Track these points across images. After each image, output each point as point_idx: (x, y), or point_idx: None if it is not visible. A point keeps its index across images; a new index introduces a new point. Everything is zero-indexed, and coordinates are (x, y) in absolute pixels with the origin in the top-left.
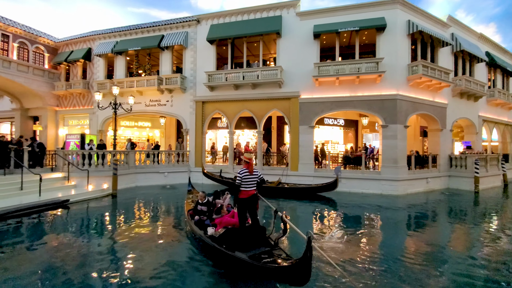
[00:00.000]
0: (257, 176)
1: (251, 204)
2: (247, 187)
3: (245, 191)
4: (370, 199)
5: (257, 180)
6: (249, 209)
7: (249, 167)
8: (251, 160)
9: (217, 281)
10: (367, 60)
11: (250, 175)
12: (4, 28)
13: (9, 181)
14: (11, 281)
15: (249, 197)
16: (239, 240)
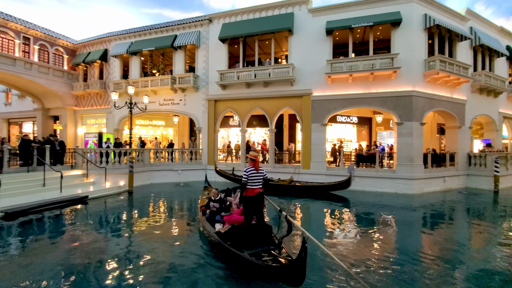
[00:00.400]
0: (263, 174)
1: (257, 202)
2: (253, 185)
3: (251, 189)
4: (384, 198)
5: (262, 178)
6: (255, 208)
7: (255, 165)
8: (257, 157)
9: (227, 276)
10: (382, 56)
11: (257, 173)
12: (25, 31)
13: (33, 178)
14: (35, 272)
15: (255, 195)
16: (244, 237)
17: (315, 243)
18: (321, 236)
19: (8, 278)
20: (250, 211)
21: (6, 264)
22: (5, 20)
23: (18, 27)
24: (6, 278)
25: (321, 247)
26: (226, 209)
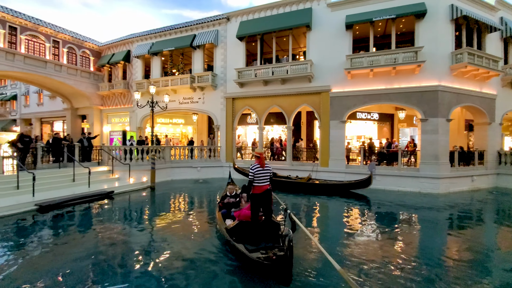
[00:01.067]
0: (269, 171)
1: (264, 199)
2: (259, 182)
3: (258, 186)
4: (407, 197)
5: (269, 174)
6: (262, 205)
7: (261, 162)
8: (262, 154)
9: (235, 273)
10: (405, 50)
11: (263, 170)
12: (55, 35)
13: (63, 174)
14: (68, 260)
15: (262, 192)
16: (249, 233)
17: (316, 244)
18: (339, 234)
19: (45, 266)
20: (257, 208)
21: (42, 253)
22: (36, 24)
23: (48, 31)
24: (43, 265)
25: (320, 247)
26: (236, 205)
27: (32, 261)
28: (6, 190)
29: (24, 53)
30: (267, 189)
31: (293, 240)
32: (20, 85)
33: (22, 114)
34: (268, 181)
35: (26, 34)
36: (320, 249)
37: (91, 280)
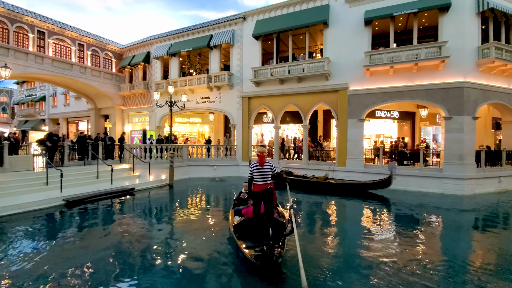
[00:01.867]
0: (270, 169)
1: (264, 198)
2: (258, 180)
3: (257, 184)
4: (429, 198)
5: (270, 173)
6: (264, 203)
7: (260, 160)
8: (262, 153)
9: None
10: (428, 45)
11: (261, 169)
12: (80, 38)
13: (88, 171)
14: (92, 252)
15: (261, 191)
16: (251, 230)
17: (297, 251)
18: (357, 235)
19: (71, 258)
20: (258, 206)
21: (69, 246)
22: (62, 29)
23: (74, 34)
24: (69, 257)
25: (299, 255)
26: (244, 202)
27: (60, 252)
28: (37, 186)
29: (52, 56)
30: (267, 188)
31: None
32: (48, 86)
33: (50, 114)
34: (269, 180)
35: (53, 38)
36: (298, 257)
37: (111, 272)
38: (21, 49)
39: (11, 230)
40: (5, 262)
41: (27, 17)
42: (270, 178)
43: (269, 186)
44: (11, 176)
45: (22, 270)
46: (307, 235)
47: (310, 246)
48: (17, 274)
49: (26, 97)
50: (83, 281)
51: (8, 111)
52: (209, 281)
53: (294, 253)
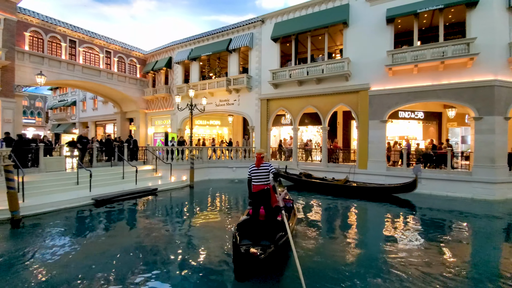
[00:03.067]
0: (266, 170)
1: (262, 198)
2: (255, 181)
3: (255, 185)
4: (457, 203)
5: (266, 174)
6: (262, 204)
7: (256, 162)
8: (259, 155)
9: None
10: (455, 42)
11: (257, 170)
12: (107, 46)
13: (115, 172)
14: (118, 250)
15: (258, 191)
16: (249, 230)
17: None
18: (379, 241)
19: (99, 254)
20: (255, 206)
21: (98, 242)
22: (91, 37)
23: (102, 43)
24: (97, 254)
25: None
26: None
27: (89, 248)
28: (68, 185)
29: (82, 64)
30: (264, 189)
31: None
32: (78, 92)
33: (80, 118)
34: (265, 181)
35: (83, 46)
36: (297, 265)
37: (135, 268)
38: (54, 57)
39: (47, 227)
40: (41, 256)
41: (60, 27)
42: (266, 179)
43: (266, 187)
44: (46, 176)
45: (56, 263)
46: (327, 239)
47: (329, 250)
48: (52, 267)
49: (59, 102)
50: (109, 276)
51: (43, 116)
52: (225, 277)
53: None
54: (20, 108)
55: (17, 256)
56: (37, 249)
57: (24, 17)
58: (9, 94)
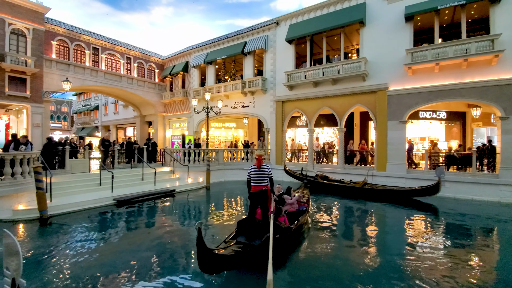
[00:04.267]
0: (265, 172)
1: (259, 199)
2: (254, 182)
3: (253, 185)
4: (483, 207)
5: (266, 176)
6: (259, 204)
7: (257, 164)
8: (259, 156)
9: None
10: (478, 39)
11: (257, 171)
12: (127, 52)
13: (135, 173)
14: (137, 249)
15: (256, 192)
16: (246, 229)
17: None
18: (400, 246)
19: (121, 252)
20: (252, 206)
21: (120, 241)
22: (113, 44)
23: (122, 49)
24: (119, 252)
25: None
26: (278, 203)
27: (112, 246)
28: (92, 186)
29: (104, 70)
30: (261, 190)
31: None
32: (101, 97)
33: (103, 121)
34: (264, 182)
35: (105, 53)
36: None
37: (155, 264)
38: (79, 64)
39: (72, 226)
40: (67, 253)
41: (84, 35)
42: (265, 181)
43: (264, 188)
44: (71, 177)
45: (81, 260)
46: (344, 243)
47: (346, 255)
48: (77, 263)
49: (83, 107)
50: (131, 271)
51: (68, 120)
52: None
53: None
54: (48, 113)
55: (45, 253)
56: (63, 246)
57: (51, 27)
58: (38, 100)
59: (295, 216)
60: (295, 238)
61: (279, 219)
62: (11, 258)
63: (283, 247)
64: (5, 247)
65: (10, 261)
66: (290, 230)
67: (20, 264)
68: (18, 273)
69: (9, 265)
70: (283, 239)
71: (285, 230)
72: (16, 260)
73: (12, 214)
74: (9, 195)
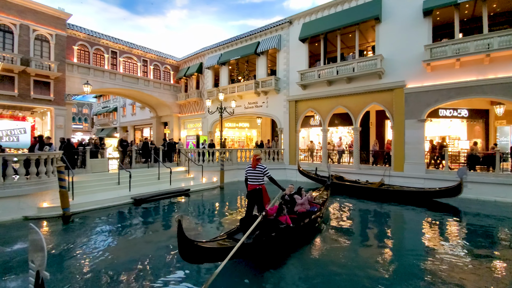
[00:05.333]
0: (261, 172)
1: (254, 197)
2: (249, 180)
3: (249, 184)
4: (508, 209)
5: (261, 175)
6: (255, 202)
7: (252, 163)
8: (255, 156)
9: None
10: (501, 33)
11: (252, 170)
12: (144, 55)
13: (151, 173)
14: (154, 247)
15: (251, 190)
16: (243, 225)
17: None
18: (419, 248)
19: (138, 249)
20: (249, 204)
21: (137, 238)
22: (130, 48)
23: (139, 52)
24: (137, 248)
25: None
26: (287, 202)
27: (130, 242)
28: (111, 185)
29: (122, 72)
30: (256, 188)
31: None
32: (119, 99)
33: (121, 123)
34: (259, 181)
35: (123, 56)
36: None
37: (171, 261)
38: (99, 68)
39: (93, 223)
40: (88, 248)
41: (103, 40)
42: (260, 180)
43: (258, 187)
44: (91, 176)
45: (101, 255)
46: (360, 245)
47: (362, 258)
48: (98, 259)
49: (102, 109)
50: (147, 267)
51: (89, 121)
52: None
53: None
54: (70, 115)
55: (67, 248)
56: (85, 242)
57: (72, 32)
58: (61, 102)
59: (305, 216)
60: (297, 237)
61: (279, 218)
62: (37, 252)
63: (279, 245)
64: (32, 242)
65: (35, 255)
66: (277, 227)
67: (45, 258)
68: (42, 267)
69: (34, 259)
70: (276, 237)
71: (274, 227)
72: (41, 254)
73: (37, 211)
74: (34, 193)
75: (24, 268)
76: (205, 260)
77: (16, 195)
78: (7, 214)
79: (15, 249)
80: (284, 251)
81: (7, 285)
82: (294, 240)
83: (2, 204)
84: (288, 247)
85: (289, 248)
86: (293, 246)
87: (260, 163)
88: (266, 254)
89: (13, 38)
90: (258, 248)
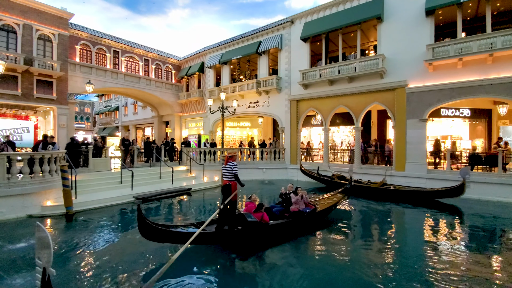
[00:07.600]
0: (229, 169)
1: (225, 191)
2: (223, 176)
3: (223, 180)
4: (510, 210)
5: (230, 172)
6: (226, 196)
7: (225, 161)
8: (227, 154)
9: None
10: (504, 32)
11: (225, 167)
12: (146, 54)
13: (153, 172)
14: (154, 247)
15: (224, 185)
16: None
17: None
18: (421, 249)
19: (140, 246)
20: (223, 198)
21: (138, 238)
22: (132, 47)
23: (141, 52)
24: (139, 245)
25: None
26: (285, 201)
27: (132, 241)
28: (113, 184)
29: (124, 72)
30: (226, 184)
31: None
32: (121, 98)
33: (123, 122)
34: (228, 178)
35: (125, 56)
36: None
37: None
38: (101, 67)
39: (95, 221)
40: (91, 246)
41: (105, 39)
42: (229, 176)
43: (228, 182)
44: (94, 175)
45: (104, 253)
46: (362, 245)
47: (365, 258)
48: (100, 256)
49: (104, 108)
50: (149, 264)
51: (91, 120)
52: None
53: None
54: (73, 114)
55: (71, 246)
56: (88, 240)
57: (75, 32)
58: (63, 101)
59: (296, 215)
60: (279, 233)
61: (255, 215)
62: (43, 250)
63: (250, 237)
64: (38, 240)
65: (42, 252)
66: (244, 221)
67: (51, 256)
68: (49, 264)
69: (41, 256)
70: (244, 230)
71: (240, 221)
72: (47, 251)
73: (41, 209)
74: (38, 192)
75: (30, 265)
76: (164, 240)
77: (20, 193)
78: (12, 212)
79: (20, 246)
80: (262, 243)
81: (14, 282)
82: (276, 235)
83: (7, 203)
84: (268, 240)
85: (269, 242)
86: (276, 240)
87: (233, 161)
88: (237, 243)
89: (17, 38)
90: (223, 237)
